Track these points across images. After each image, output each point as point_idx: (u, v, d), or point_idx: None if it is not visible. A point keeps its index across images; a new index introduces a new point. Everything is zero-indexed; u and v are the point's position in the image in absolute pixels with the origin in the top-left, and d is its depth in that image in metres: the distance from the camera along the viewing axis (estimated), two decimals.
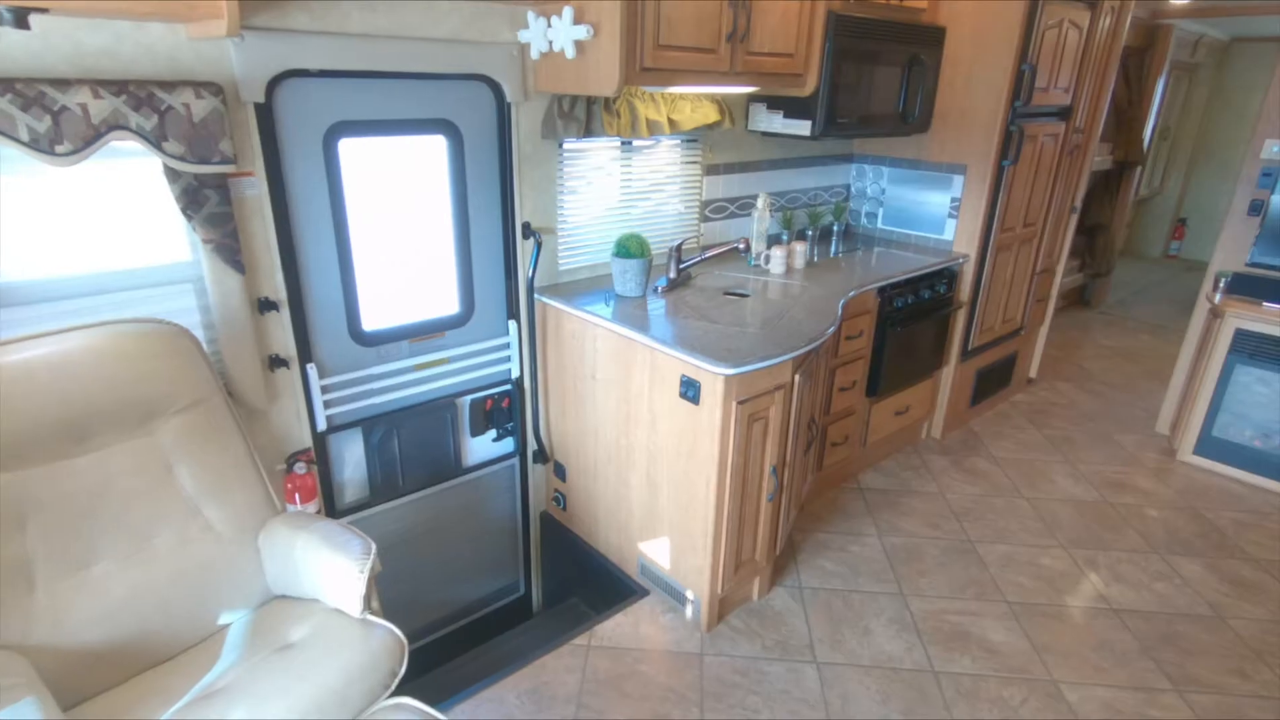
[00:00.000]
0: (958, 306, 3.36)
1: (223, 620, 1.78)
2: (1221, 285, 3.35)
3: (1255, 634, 2.41)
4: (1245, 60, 6.91)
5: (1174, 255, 7.79)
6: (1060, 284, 5.36)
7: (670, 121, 2.67)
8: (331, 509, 2.36)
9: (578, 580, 2.88)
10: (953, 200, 3.33)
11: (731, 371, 2.00)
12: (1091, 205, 5.60)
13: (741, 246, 2.67)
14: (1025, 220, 3.52)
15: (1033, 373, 4.29)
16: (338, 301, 2.19)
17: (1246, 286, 3.28)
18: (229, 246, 1.85)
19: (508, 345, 2.63)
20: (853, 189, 3.73)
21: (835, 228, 3.58)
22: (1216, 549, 2.85)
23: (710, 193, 3.08)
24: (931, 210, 3.43)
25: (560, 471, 2.82)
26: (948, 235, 3.39)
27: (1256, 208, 3.28)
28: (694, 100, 2.72)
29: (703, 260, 2.73)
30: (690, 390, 2.11)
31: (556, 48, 2.15)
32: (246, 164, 1.89)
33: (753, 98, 3.02)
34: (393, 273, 2.31)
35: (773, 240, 3.36)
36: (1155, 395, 4.23)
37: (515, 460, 2.81)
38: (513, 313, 2.60)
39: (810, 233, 3.45)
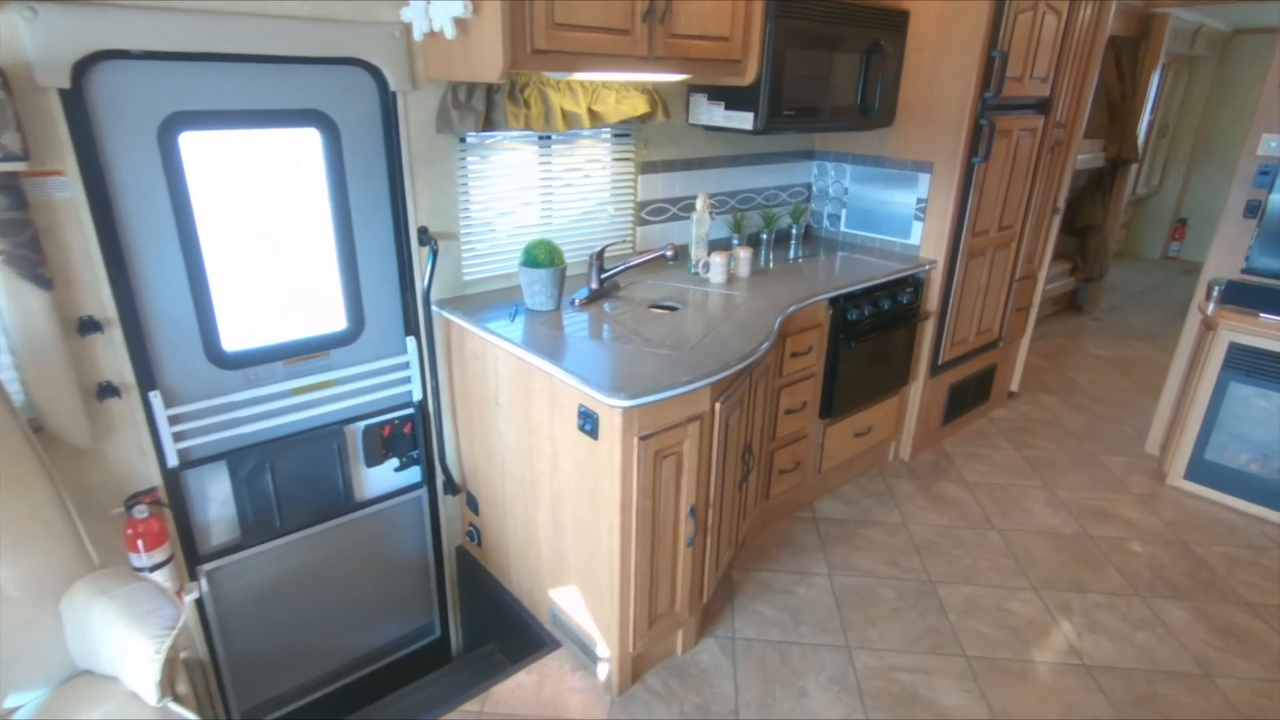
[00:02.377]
0: (924, 318, 3.06)
1: (9, 703, 1.50)
2: (1215, 294, 3.04)
3: (1245, 697, 2.11)
4: (1248, 53, 6.59)
5: (1174, 257, 7.47)
6: (1049, 289, 5.07)
7: (591, 114, 2.38)
8: (193, 554, 2.08)
9: (495, 624, 2.59)
10: (918, 201, 3.04)
11: (629, 403, 1.70)
12: (1083, 205, 5.29)
13: (668, 253, 2.38)
14: (1000, 223, 3.22)
15: (1014, 386, 3.99)
16: (188, 319, 1.91)
17: (1242, 296, 2.97)
18: (26, 258, 1.56)
19: (406, 364, 2.35)
20: (814, 189, 3.44)
21: (794, 231, 3.28)
22: (1206, 590, 2.55)
23: (647, 193, 2.79)
24: (896, 212, 3.13)
25: (473, 503, 2.53)
26: (914, 239, 3.09)
27: (1253, 209, 2.98)
28: (620, 90, 2.43)
29: (627, 269, 2.44)
30: (588, 423, 1.82)
31: (436, 27, 1.87)
32: (51, 161, 1.61)
33: (693, 88, 2.73)
34: (262, 285, 2.03)
35: (716, 246, 3.07)
36: (1147, 411, 3.92)
37: (423, 491, 2.53)
38: (411, 328, 2.32)
39: (765, 236, 3.15)
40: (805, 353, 2.58)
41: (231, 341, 2.01)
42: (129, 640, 1.42)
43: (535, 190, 2.48)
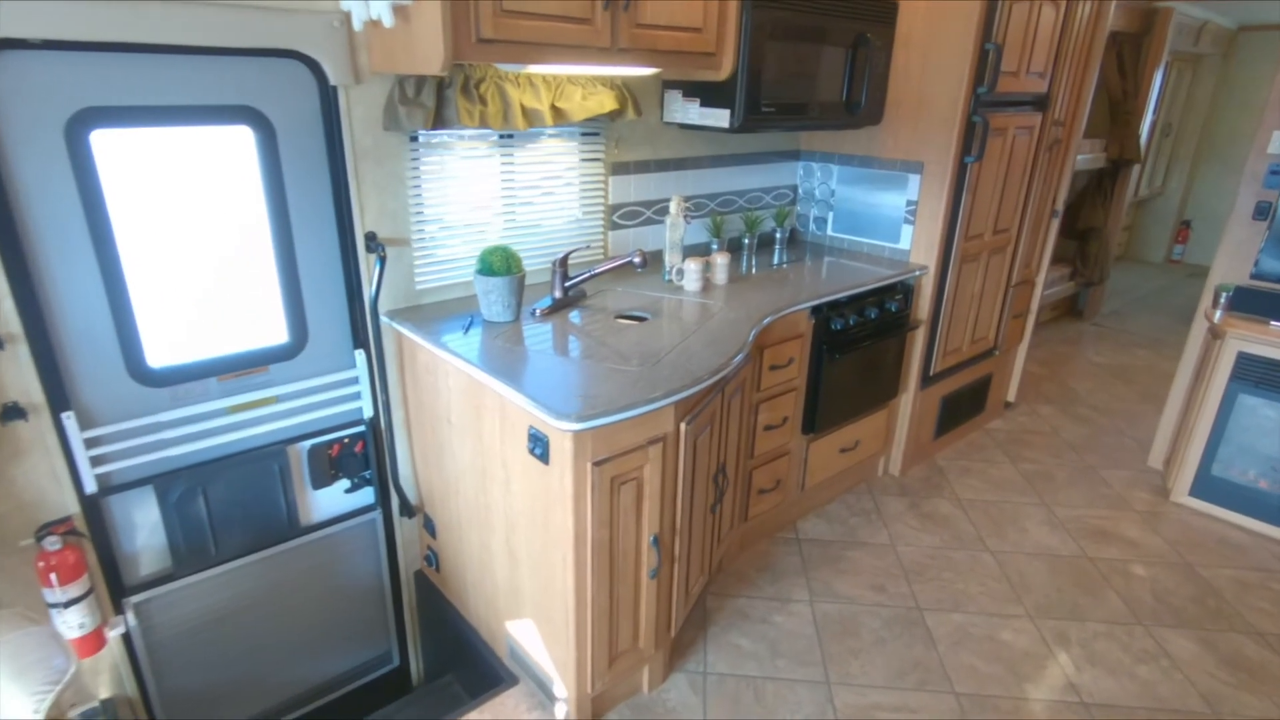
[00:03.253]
0: (914, 326, 2.90)
1: None
2: (1222, 301, 2.88)
3: None
4: (1254, 50, 6.42)
5: (1177, 260, 7.31)
6: (1048, 294, 4.90)
7: (555, 110, 2.23)
8: (119, 586, 1.92)
9: (455, 653, 2.44)
10: (908, 203, 2.88)
11: (580, 426, 1.55)
12: (1083, 207, 5.13)
13: (636, 260, 2.22)
14: (996, 226, 3.06)
15: (1010, 396, 3.83)
16: (106, 334, 1.76)
17: (1251, 303, 2.81)
18: None
19: (356, 380, 2.19)
20: (800, 190, 3.28)
21: (778, 235, 3.12)
22: (1213, 618, 2.39)
23: (619, 195, 2.63)
24: (886, 215, 2.97)
25: (430, 526, 2.38)
26: (903, 244, 2.93)
27: (1263, 210, 2.81)
28: (586, 85, 2.28)
29: (593, 276, 2.28)
30: (538, 447, 1.67)
31: (373, 14, 1.71)
32: None
33: (667, 83, 2.58)
34: (193, 296, 1.87)
35: (694, 251, 2.91)
36: (1149, 422, 3.76)
37: (377, 514, 2.37)
38: (360, 341, 2.16)
39: (747, 241, 2.99)
40: (785, 365, 2.43)
41: (158, 357, 1.85)
42: (8, 696, 1.27)
43: (496, 192, 2.33)
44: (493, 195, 2.32)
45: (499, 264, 2.05)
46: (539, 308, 2.19)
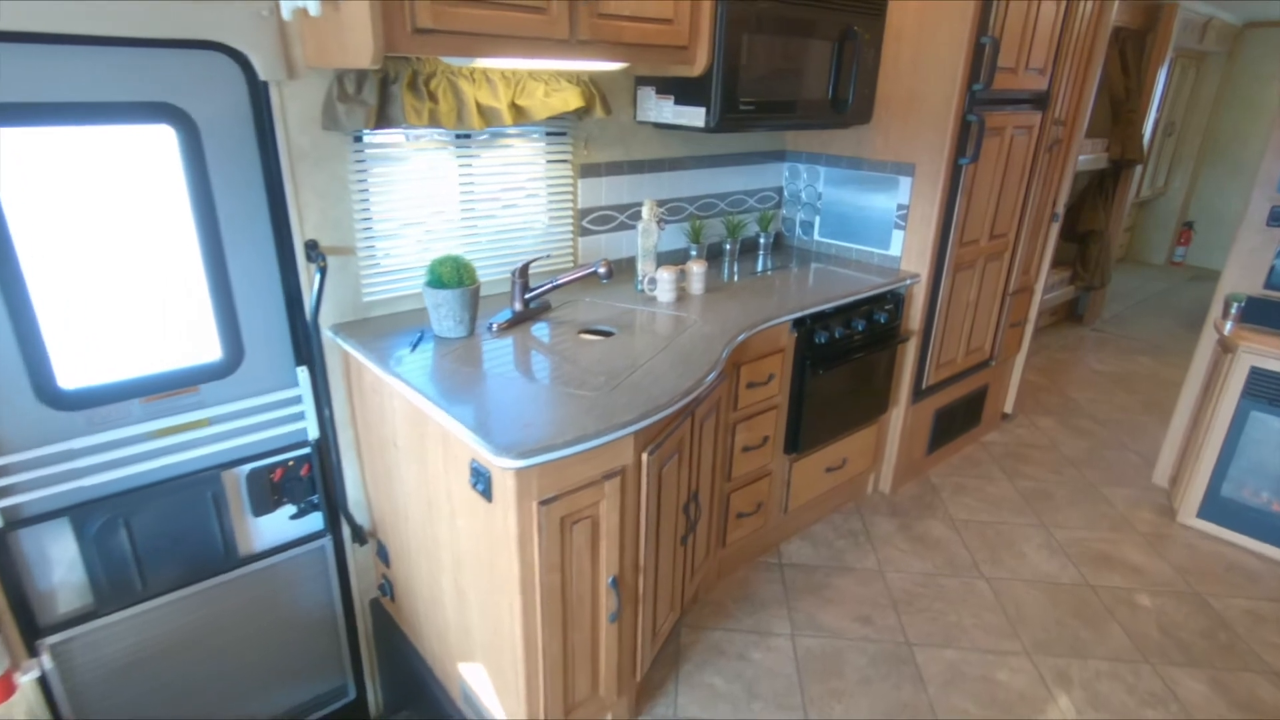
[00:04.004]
0: (904, 338, 2.73)
1: None
2: (1234, 312, 2.71)
3: None
4: (1260, 47, 6.25)
5: (1179, 262, 7.15)
6: (1047, 299, 4.74)
7: (515, 108, 2.06)
8: (32, 626, 1.76)
9: (413, 688, 2.27)
10: (899, 207, 2.71)
11: (522, 463, 1.38)
12: (1083, 209, 4.96)
13: (601, 270, 2.06)
14: (992, 231, 2.89)
15: (1008, 407, 3.66)
16: (8, 353, 1.59)
17: (1265, 314, 2.64)
18: None
19: (299, 399, 2.02)
20: (786, 193, 3.11)
21: (761, 240, 2.96)
22: (1225, 655, 2.22)
23: (589, 199, 2.46)
24: (876, 219, 2.81)
25: (383, 554, 2.21)
26: (894, 250, 2.76)
27: (1278, 216, 2.64)
28: (549, 81, 2.11)
29: (556, 288, 2.11)
30: (480, 482, 1.50)
31: (300, 2, 1.54)
32: None
33: (640, 79, 2.41)
34: (112, 311, 1.71)
35: (671, 259, 2.75)
36: (1153, 434, 3.59)
37: (326, 540, 2.20)
38: (304, 357, 1.99)
39: (728, 247, 2.83)
40: (764, 382, 2.26)
41: (71, 378, 1.68)
42: None
43: (454, 197, 2.16)
44: (450, 200, 2.15)
45: (449, 275, 1.88)
46: (497, 322, 2.03)
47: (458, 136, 2.13)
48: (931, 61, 2.49)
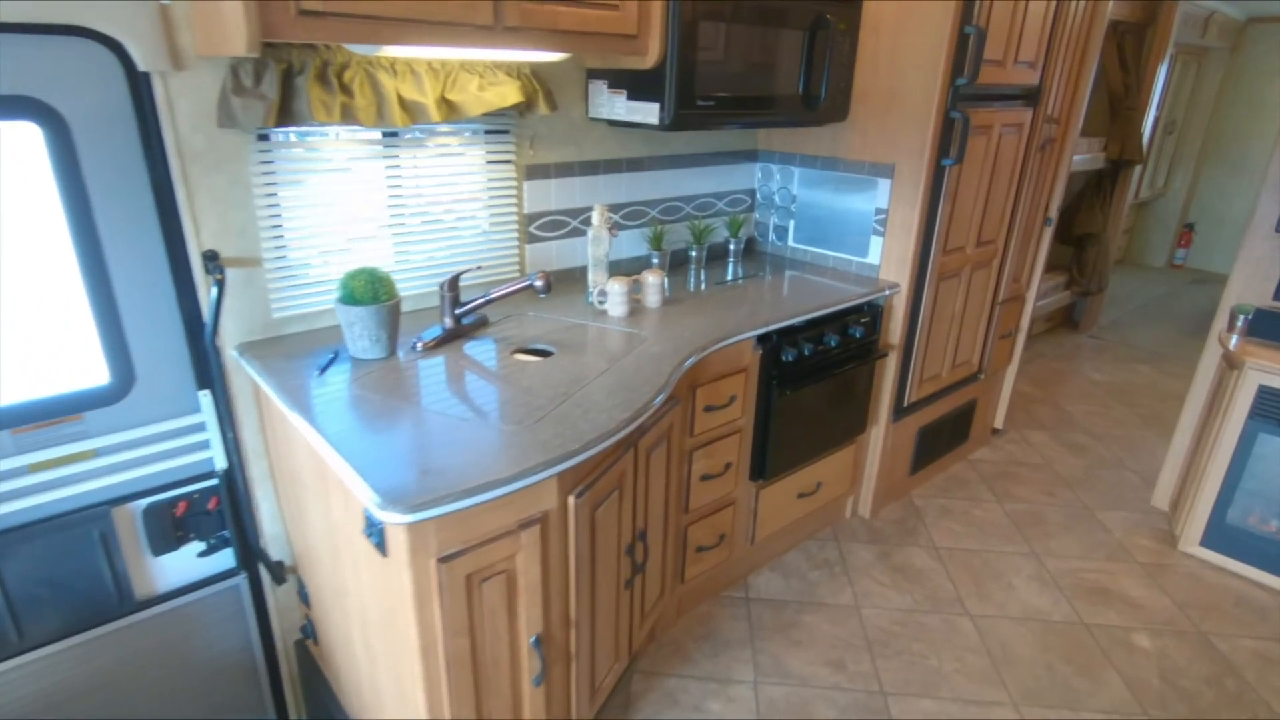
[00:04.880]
0: (882, 354, 2.53)
1: None
2: (1240, 324, 2.51)
3: None
4: (1264, 43, 6.04)
5: (1179, 264, 6.94)
6: (1042, 305, 4.53)
7: (446, 104, 1.86)
8: None
9: None
10: (877, 212, 2.51)
11: (412, 518, 1.18)
12: (1080, 211, 4.76)
13: (538, 283, 1.86)
14: (979, 237, 2.69)
15: (998, 422, 3.46)
16: None
17: (1274, 328, 2.44)
18: None
19: (203, 425, 1.82)
20: (758, 196, 2.91)
21: (731, 247, 2.76)
22: (1233, 706, 2.02)
23: (537, 203, 2.26)
24: (853, 225, 2.60)
25: (304, 594, 2.01)
26: (873, 258, 2.56)
27: None
28: (484, 73, 1.91)
29: (488, 302, 1.91)
30: (374, 534, 1.30)
31: None
32: None
33: (592, 73, 2.21)
34: None
35: (630, 267, 2.55)
36: (1152, 451, 3.39)
37: (241, 579, 2.00)
38: (208, 380, 1.79)
39: (694, 254, 2.62)
40: (724, 405, 2.06)
41: None
42: None
43: (381, 201, 1.96)
44: (377, 204, 1.95)
45: (361, 290, 1.68)
46: (422, 340, 1.83)
47: (384, 135, 1.93)
48: (911, 54, 2.29)
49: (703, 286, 2.45)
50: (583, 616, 1.57)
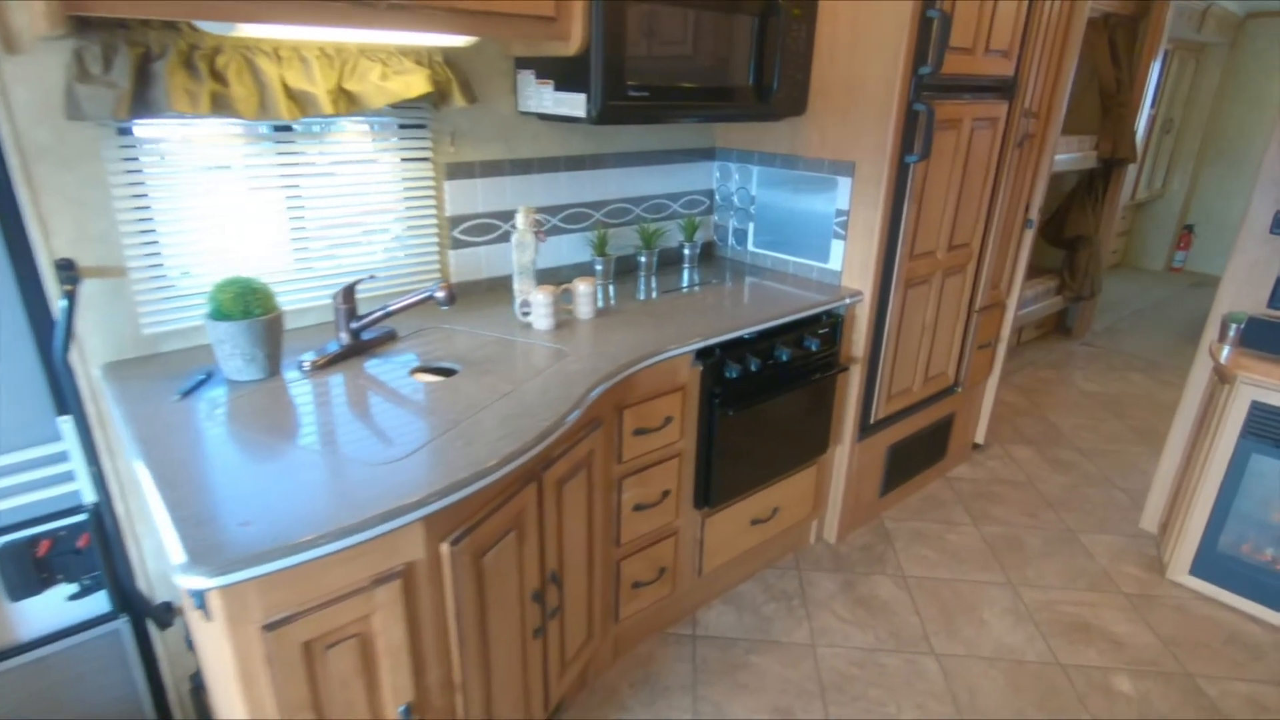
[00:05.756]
0: (843, 368, 2.33)
1: None
2: (1232, 334, 2.30)
3: None
4: (1264, 38, 5.84)
5: (1178, 267, 6.73)
6: (1032, 312, 4.33)
7: (343, 94, 1.67)
8: None
9: None
10: (838, 213, 2.31)
11: (216, 581, 0.98)
12: (1071, 212, 4.55)
13: (439, 295, 1.66)
14: (952, 240, 2.49)
15: (979, 437, 3.25)
16: None
17: (1269, 338, 2.24)
18: None
19: (65, 455, 1.63)
20: (717, 197, 2.71)
21: (686, 251, 2.56)
22: None
23: (462, 205, 2.07)
24: (814, 228, 2.41)
25: (189, 641, 1.81)
26: (834, 264, 2.36)
27: None
28: (387, 60, 1.72)
29: (386, 315, 1.72)
30: (194, 594, 1.10)
31: None
32: None
33: (520, 62, 2.02)
34: None
35: (572, 275, 2.35)
36: (1143, 468, 3.19)
37: (120, 622, 1.81)
38: (68, 405, 1.60)
39: (644, 260, 2.43)
40: (659, 427, 1.86)
41: None
42: None
43: (275, 202, 1.77)
44: (272, 206, 1.76)
45: (230, 303, 1.49)
46: (310, 359, 1.63)
47: (276, 129, 1.73)
48: (871, 41, 2.10)
49: (653, 295, 2.25)
50: (472, 677, 1.37)
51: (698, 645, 2.15)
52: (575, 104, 1.86)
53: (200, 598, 1.08)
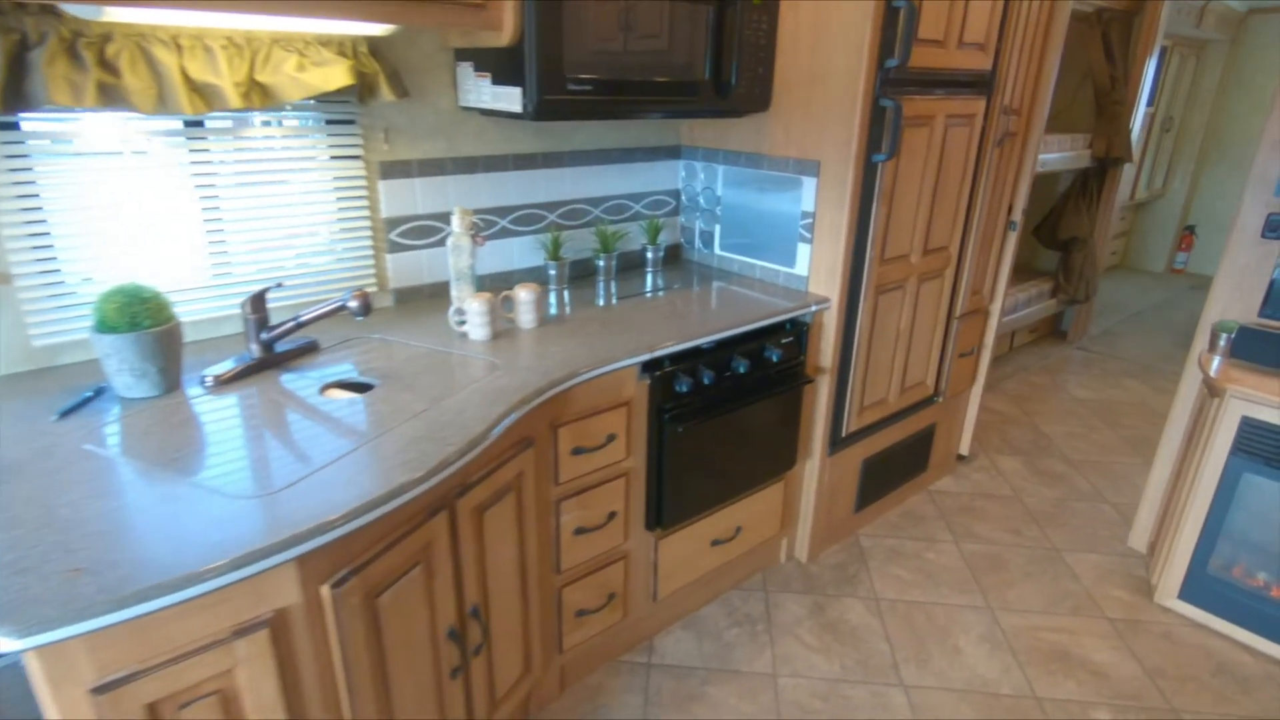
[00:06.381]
0: (807, 380, 2.19)
1: None
2: (1222, 344, 2.17)
3: None
4: (1265, 35, 5.68)
5: (1180, 269, 6.58)
6: (1026, 315, 4.19)
7: (255, 87, 1.55)
8: None
9: None
10: (804, 215, 2.18)
11: (26, 642, 0.86)
12: (1065, 213, 4.41)
13: (353, 304, 1.54)
14: (927, 244, 2.35)
15: (963, 448, 3.11)
16: None
17: (1260, 349, 2.10)
18: None
19: None
20: (684, 197, 2.58)
21: (649, 255, 2.43)
22: None
23: (399, 206, 1.94)
24: (779, 230, 2.27)
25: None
26: (800, 269, 2.23)
27: (1276, 226, 2.10)
28: (304, 50, 1.59)
29: (299, 326, 1.59)
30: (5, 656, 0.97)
31: None
32: None
33: (460, 53, 1.89)
34: None
35: (507, 282, 2.23)
36: (1135, 481, 3.05)
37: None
38: None
39: (602, 264, 2.30)
40: (601, 446, 1.73)
41: None
42: None
43: (188, 202, 1.64)
44: (182, 206, 1.63)
45: (115, 314, 1.36)
46: (214, 373, 1.51)
47: (187, 124, 1.61)
48: (834, 32, 1.96)
49: (613, 300, 2.13)
50: None
51: (652, 674, 2.02)
52: (511, 98, 1.74)
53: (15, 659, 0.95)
